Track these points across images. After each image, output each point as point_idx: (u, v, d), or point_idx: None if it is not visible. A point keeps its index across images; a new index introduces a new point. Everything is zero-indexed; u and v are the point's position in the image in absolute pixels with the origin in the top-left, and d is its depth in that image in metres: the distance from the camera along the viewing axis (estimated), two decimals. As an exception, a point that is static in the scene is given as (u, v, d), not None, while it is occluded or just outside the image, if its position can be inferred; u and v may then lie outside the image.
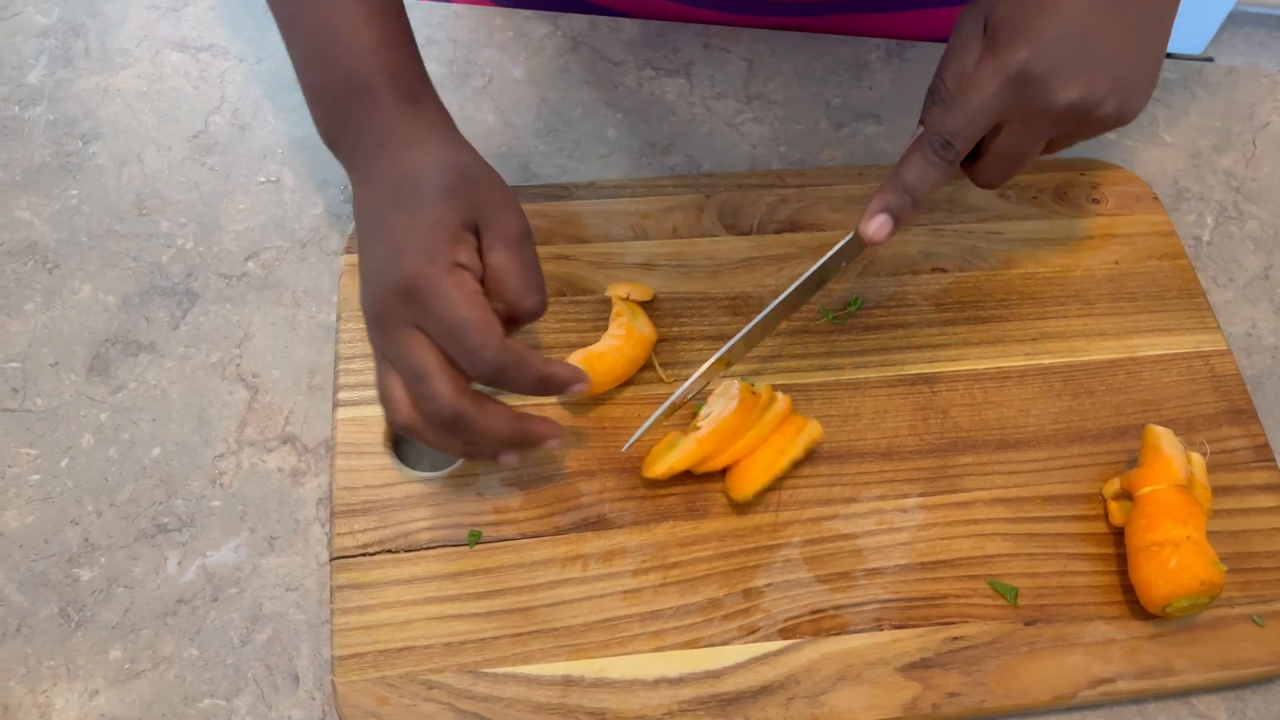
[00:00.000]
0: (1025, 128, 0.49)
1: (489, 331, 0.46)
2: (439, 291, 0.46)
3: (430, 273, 0.46)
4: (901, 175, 0.50)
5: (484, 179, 0.50)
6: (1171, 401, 0.61)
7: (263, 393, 0.60)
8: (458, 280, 0.47)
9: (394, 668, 0.51)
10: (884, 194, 0.51)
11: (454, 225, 0.48)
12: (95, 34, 0.73)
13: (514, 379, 0.48)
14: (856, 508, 0.56)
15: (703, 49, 0.75)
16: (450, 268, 0.47)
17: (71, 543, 0.55)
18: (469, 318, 0.46)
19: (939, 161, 0.50)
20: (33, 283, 0.63)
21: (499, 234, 0.49)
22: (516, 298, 0.49)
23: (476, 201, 0.49)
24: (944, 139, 0.49)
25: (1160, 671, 0.53)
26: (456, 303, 0.46)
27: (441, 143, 0.50)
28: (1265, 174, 0.73)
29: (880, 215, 0.51)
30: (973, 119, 0.48)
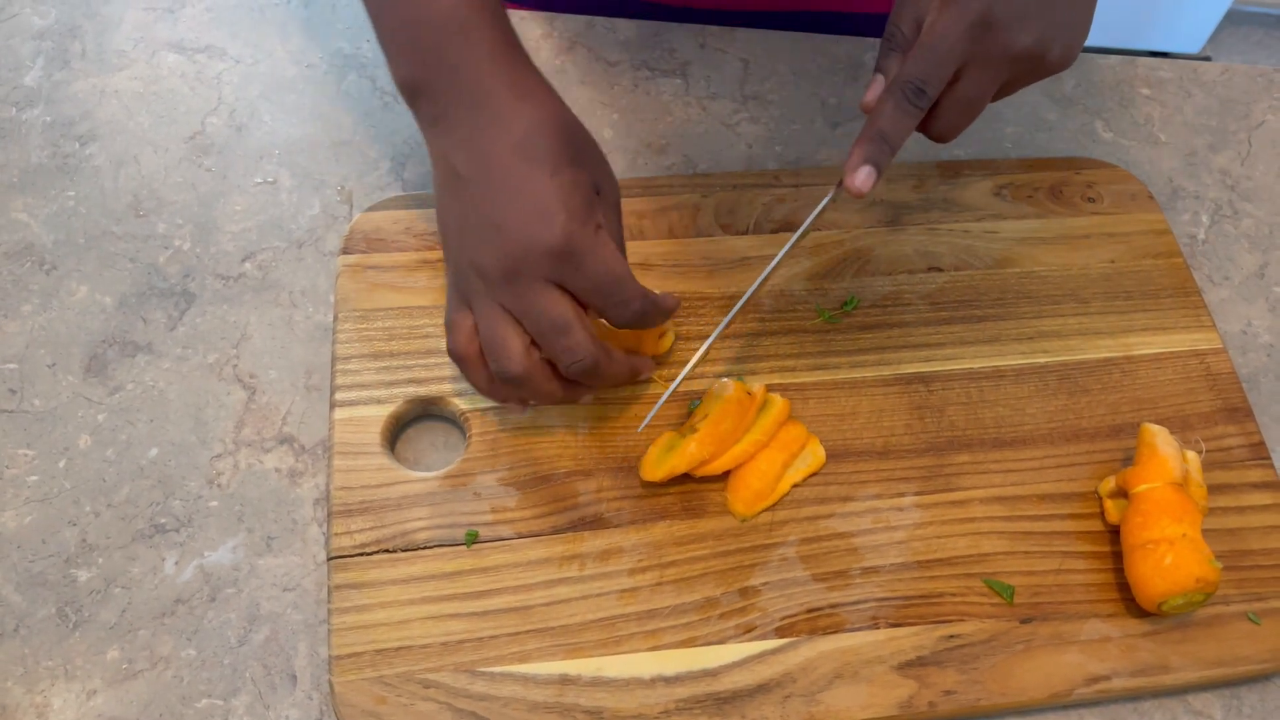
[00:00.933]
0: (983, 73, 0.50)
1: (633, 284, 0.51)
2: (595, 253, 0.49)
3: (585, 234, 0.49)
4: (878, 125, 0.51)
5: (590, 142, 0.53)
6: (1167, 400, 0.61)
7: (260, 393, 0.60)
8: (604, 240, 0.50)
9: (391, 667, 0.51)
10: (863, 145, 0.51)
11: (590, 187, 0.51)
12: (92, 35, 0.73)
13: (652, 318, 0.53)
14: (853, 506, 0.57)
15: (699, 49, 0.75)
16: (597, 229, 0.50)
17: (69, 543, 0.55)
18: (623, 273, 0.50)
19: (912, 109, 0.50)
20: (30, 284, 0.63)
21: (608, 202, 0.53)
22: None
23: (594, 169, 0.52)
24: (916, 86, 0.49)
25: (1156, 669, 0.53)
26: (611, 261, 0.50)
27: (552, 101, 0.52)
28: (1260, 173, 0.73)
29: (864, 167, 0.51)
30: (941, 63, 0.49)
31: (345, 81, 0.72)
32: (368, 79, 0.72)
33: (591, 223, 0.50)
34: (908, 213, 0.67)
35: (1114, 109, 0.75)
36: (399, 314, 0.61)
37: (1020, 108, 0.74)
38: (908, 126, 0.51)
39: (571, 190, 0.49)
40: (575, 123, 0.52)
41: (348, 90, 0.72)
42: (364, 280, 0.62)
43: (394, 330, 0.60)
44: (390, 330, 0.60)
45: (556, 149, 0.50)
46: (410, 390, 0.58)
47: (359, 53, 0.73)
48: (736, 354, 0.61)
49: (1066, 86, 0.76)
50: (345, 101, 0.71)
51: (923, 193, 0.68)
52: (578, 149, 0.51)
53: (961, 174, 0.69)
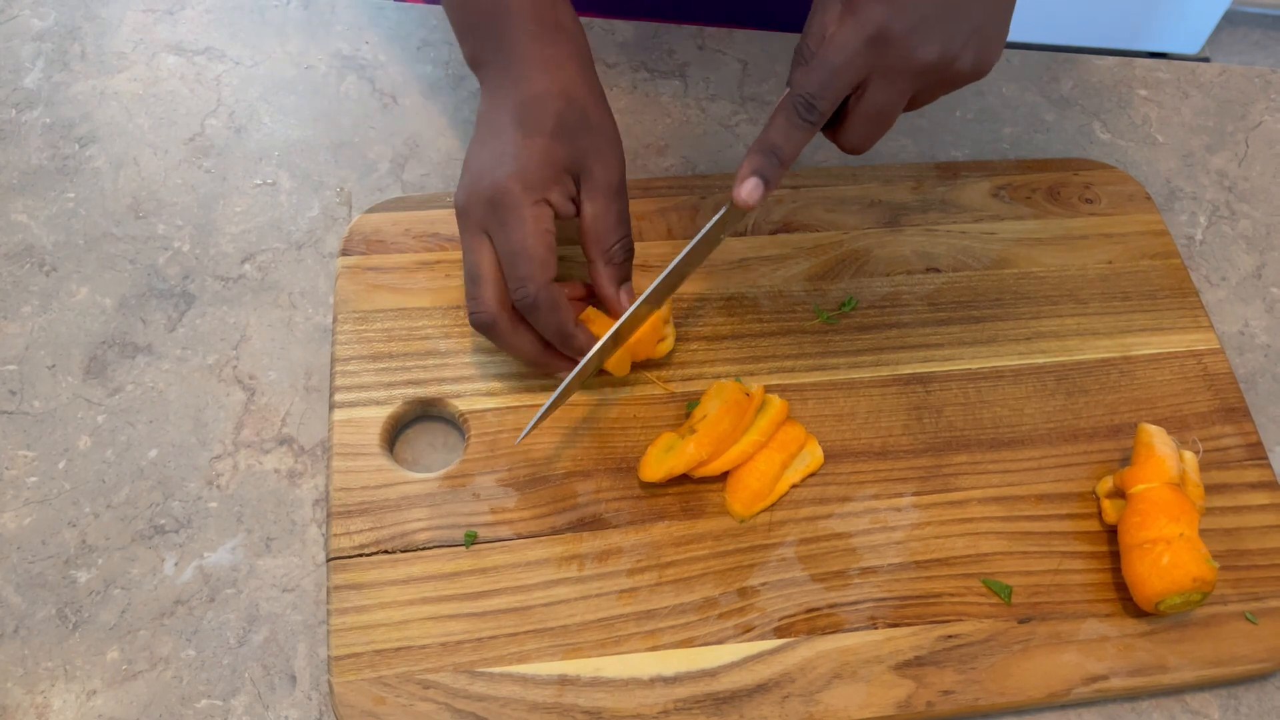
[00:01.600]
0: (888, 86, 0.49)
1: (540, 268, 0.52)
2: (517, 214, 0.52)
3: (518, 195, 0.52)
4: (768, 138, 0.50)
5: (598, 126, 0.55)
6: (1165, 400, 0.61)
7: (259, 394, 0.60)
8: (537, 213, 0.52)
9: (390, 668, 0.51)
10: (752, 158, 0.51)
11: (558, 163, 0.53)
12: (92, 37, 0.73)
13: (541, 319, 0.54)
14: (851, 507, 0.57)
15: (697, 51, 0.75)
16: (537, 200, 0.52)
17: (69, 544, 0.55)
18: (528, 248, 0.52)
19: (802, 123, 0.50)
20: (29, 285, 0.63)
21: (596, 183, 0.54)
22: (606, 243, 0.55)
23: (584, 148, 0.54)
24: (807, 100, 0.49)
25: (1154, 669, 0.53)
26: (525, 231, 0.52)
27: (572, 77, 0.55)
28: (1257, 174, 0.73)
29: (751, 179, 0.50)
30: (834, 78, 0.48)
31: (344, 83, 0.72)
32: (367, 80, 0.72)
33: (535, 192, 0.52)
34: (906, 214, 0.67)
35: (1112, 110, 0.75)
36: (398, 315, 0.61)
37: (1018, 109, 0.75)
38: (799, 140, 0.50)
39: (535, 156, 0.53)
40: (584, 102, 0.54)
41: (347, 92, 0.72)
42: (363, 282, 0.62)
43: (393, 331, 0.60)
44: (389, 331, 0.60)
45: (544, 119, 0.53)
46: (409, 391, 0.58)
47: (358, 54, 0.74)
48: (735, 355, 0.61)
49: (1064, 87, 0.76)
50: (344, 103, 0.71)
51: (921, 194, 0.68)
52: (571, 125, 0.54)
53: (959, 175, 0.69)
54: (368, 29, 0.75)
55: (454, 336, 0.60)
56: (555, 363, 0.57)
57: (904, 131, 0.73)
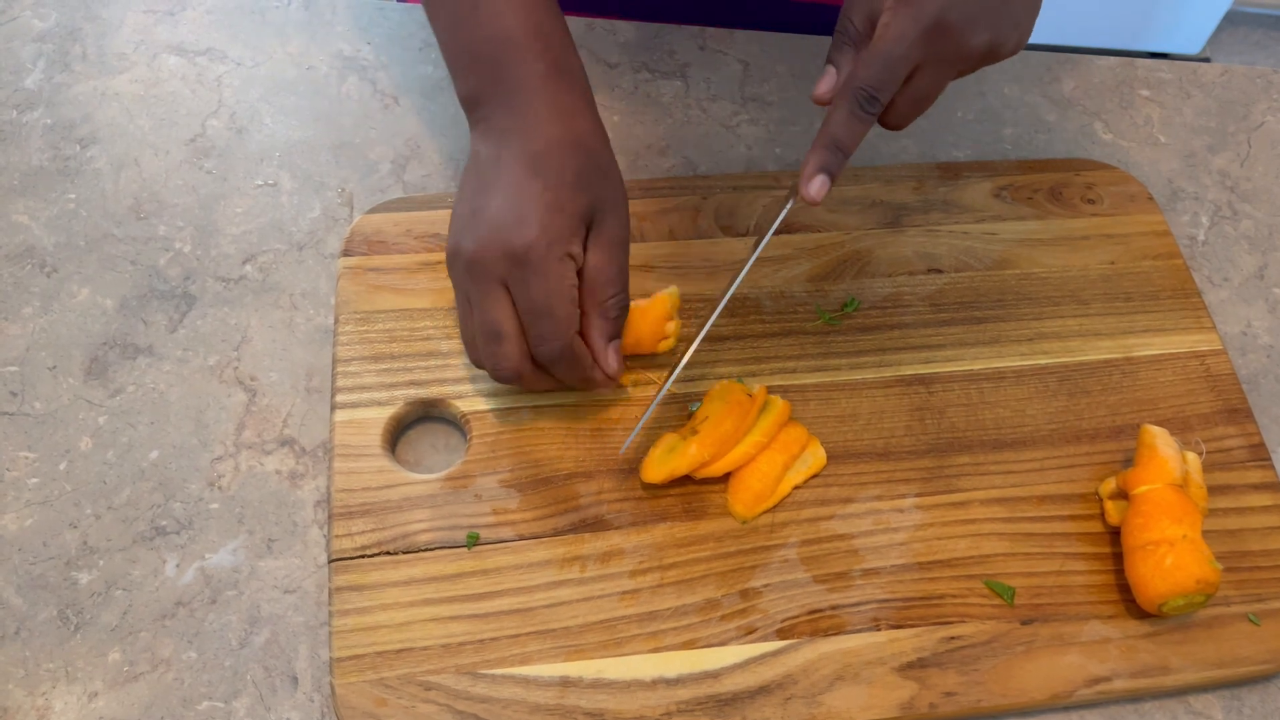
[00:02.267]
0: (938, 71, 0.50)
1: (566, 325, 0.52)
2: (544, 272, 0.51)
3: (545, 253, 0.51)
4: (832, 133, 0.51)
5: (610, 175, 0.54)
6: (1167, 401, 0.61)
7: (261, 395, 0.60)
8: (563, 271, 0.52)
9: (392, 669, 0.51)
10: (818, 154, 0.51)
11: (579, 215, 0.52)
12: (92, 38, 0.73)
13: (564, 371, 0.54)
14: (853, 508, 0.57)
15: (699, 51, 0.75)
16: (562, 256, 0.52)
17: (70, 546, 0.55)
18: (555, 308, 0.52)
19: (866, 116, 0.50)
20: (30, 286, 0.63)
21: (605, 235, 0.54)
22: (604, 297, 0.54)
23: (598, 199, 0.53)
24: (869, 93, 0.49)
25: (1156, 670, 0.53)
26: (553, 290, 0.51)
27: (585, 125, 0.54)
28: (1260, 174, 0.73)
29: (819, 176, 0.51)
30: (894, 70, 0.49)
31: (345, 84, 0.72)
32: (368, 81, 0.72)
33: (560, 247, 0.51)
34: (907, 214, 0.67)
35: (1113, 110, 0.75)
36: (400, 316, 0.61)
37: (1019, 109, 0.74)
38: (861, 133, 0.51)
39: (555, 210, 0.51)
40: (598, 152, 0.54)
41: (348, 93, 0.72)
42: (364, 282, 0.62)
43: (395, 332, 0.60)
44: (391, 332, 0.60)
45: (561, 169, 0.52)
46: (411, 392, 0.58)
47: (359, 55, 0.74)
48: (737, 356, 0.61)
49: (1066, 88, 0.76)
50: (345, 104, 0.71)
51: (922, 194, 0.68)
52: (587, 176, 0.53)
53: (961, 175, 0.69)
54: (369, 30, 0.75)
55: (455, 337, 0.60)
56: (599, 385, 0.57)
57: (905, 132, 0.73)
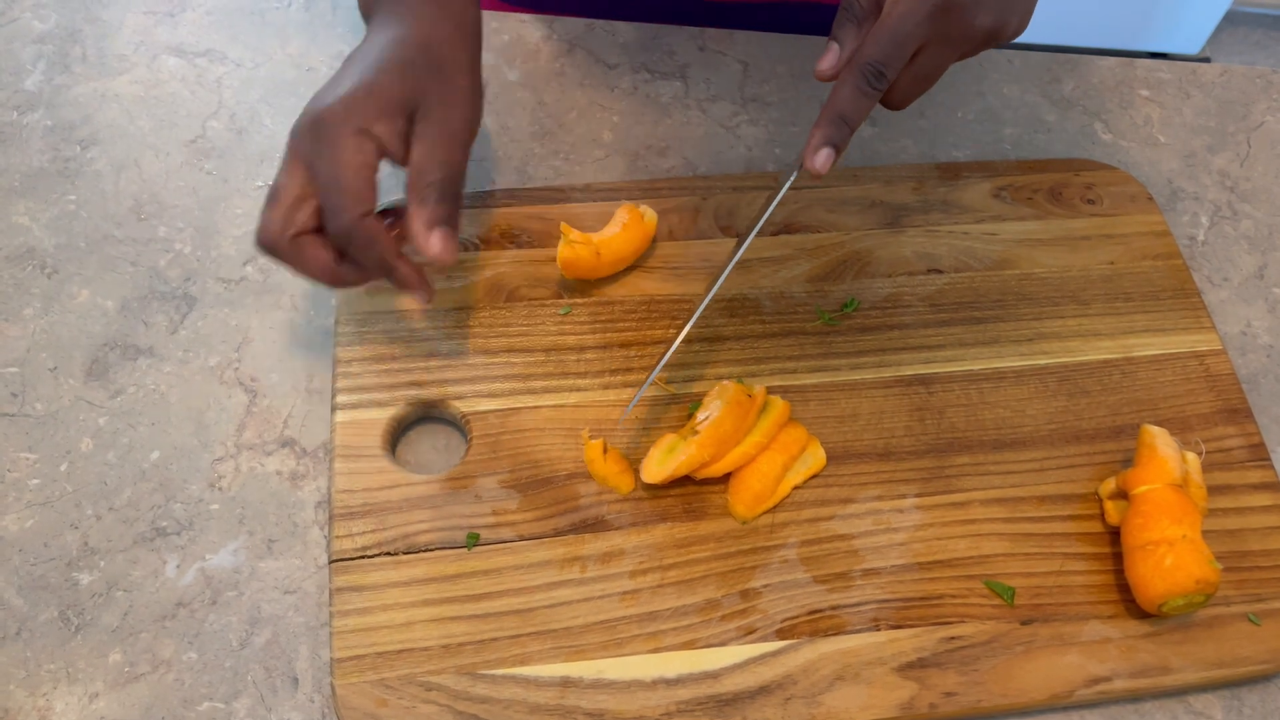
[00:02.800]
0: (942, 51, 0.50)
1: (354, 200, 0.50)
2: (336, 144, 0.50)
3: (339, 124, 0.50)
4: (838, 107, 0.51)
5: (444, 73, 0.53)
6: (1167, 401, 0.61)
7: (261, 396, 0.60)
8: (358, 144, 0.50)
9: (393, 670, 0.51)
10: (823, 127, 0.51)
11: (390, 100, 0.51)
12: (93, 40, 0.73)
13: (357, 251, 0.52)
14: (853, 508, 0.57)
15: (698, 51, 0.75)
16: (358, 130, 0.50)
17: (71, 547, 0.55)
18: (343, 179, 0.50)
19: (872, 91, 0.50)
20: (31, 288, 0.63)
21: (429, 125, 0.52)
22: (420, 179, 0.52)
23: (425, 89, 0.52)
24: (876, 69, 0.50)
25: (1156, 670, 0.53)
26: (341, 161, 0.50)
27: (439, 28, 0.54)
28: (1259, 174, 0.73)
29: (825, 149, 0.51)
30: (901, 47, 0.49)
31: (345, 85, 0.72)
32: (368, 82, 0.72)
33: (355, 122, 0.51)
34: (907, 214, 0.67)
35: (1113, 110, 0.75)
36: (400, 317, 0.61)
37: (1019, 109, 0.74)
38: (866, 107, 0.51)
39: (363, 90, 0.51)
40: (437, 50, 0.53)
41: (348, 93, 0.72)
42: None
43: (395, 333, 0.60)
44: (391, 333, 0.60)
45: (389, 58, 0.52)
46: (411, 393, 0.58)
47: (359, 56, 0.74)
48: (737, 356, 0.61)
49: (1065, 88, 0.76)
50: (346, 105, 0.71)
51: (922, 194, 0.68)
52: (416, 67, 0.52)
53: (961, 176, 0.69)
54: (369, 31, 0.75)
55: (456, 338, 0.60)
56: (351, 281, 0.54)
57: (905, 132, 0.73)
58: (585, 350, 0.60)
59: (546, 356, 0.60)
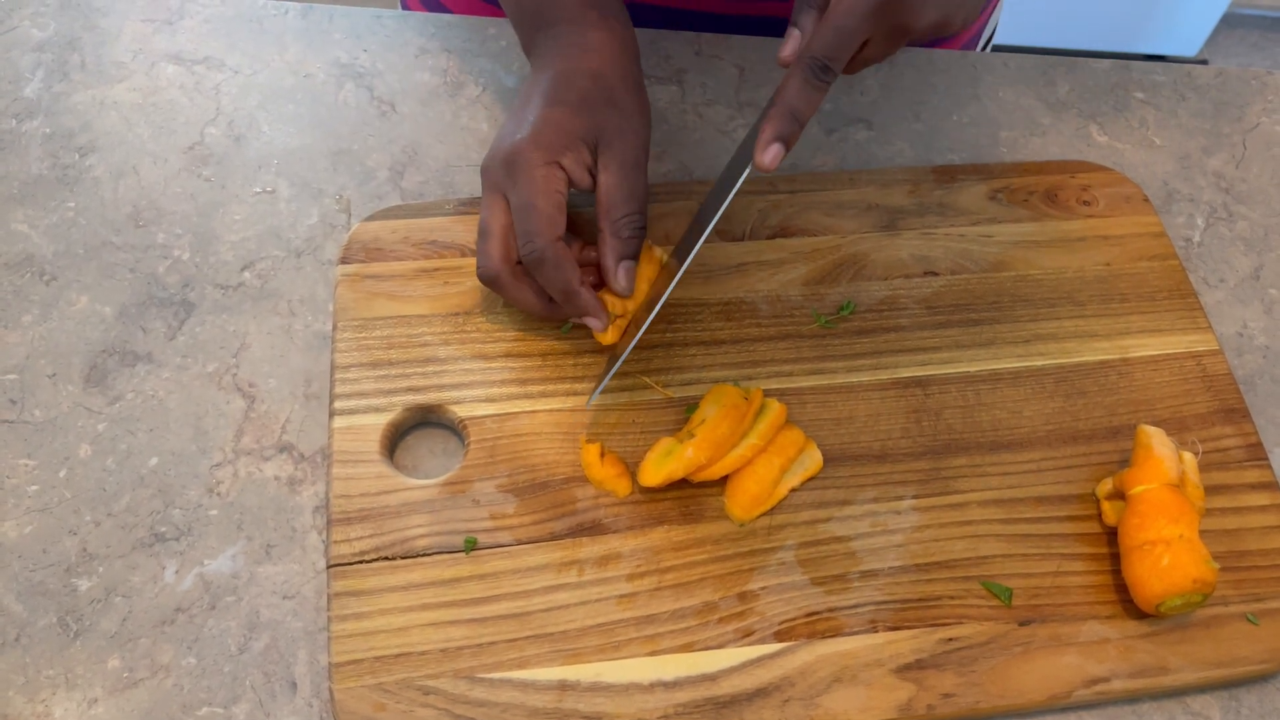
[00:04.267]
0: (887, 42, 0.52)
1: (547, 224, 0.55)
2: (529, 174, 0.55)
3: (531, 156, 0.55)
4: (787, 101, 0.52)
5: (623, 102, 0.57)
6: (1164, 401, 0.61)
7: (259, 402, 0.60)
8: (549, 174, 0.55)
9: (391, 674, 0.51)
10: (773, 122, 0.52)
11: (575, 133, 0.56)
12: (91, 47, 0.74)
13: (547, 275, 0.55)
14: (851, 510, 0.57)
15: (694, 56, 0.75)
16: (549, 162, 0.55)
17: (69, 552, 0.55)
18: (537, 204, 0.55)
19: (819, 84, 0.52)
20: (30, 294, 0.63)
21: (613, 156, 0.56)
22: (616, 215, 0.56)
23: (604, 122, 0.56)
24: (823, 63, 0.51)
25: (1155, 670, 0.53)
26: (536, 189, 0.55)
27: (606, 59, 0.58)
28: (1255, 175, 0.73)
29: (774, 144, 0.52)
30: (846, 41, 0.50)
31: (343, 91, 0.73)
32: (365, 88, 0.73)
33: (547, 154, 0.55)
34: (903, 217, 0.67)
35: (1108, 113, 0.75)
36: (397, 322, 0.61)
37: (1014, 112, 0.75)
38: (815, 100, 0.52)
39: (550, 125, 0.56)
40: (610, 81, 0.58)
41: (345, 100, 0.72)
42: (362, 289, 0.62)
43: (392, 339, 0.60)
44: (389, 339, 0.60)
45: (564, 93, 0.57)
46: (409, 398, 0.58)
47: (356, 62, 0.74)
48: (733, 359, 0.61)
49: (1060, 91, 0.76)
50: (343, 111, 0.72)
51: (917, 197, 0.68)
52: (593, 100, 0.56)
53: (956, 178, 0.69)
54: (366, 37, 0.75)
55: (453, 343, 0.60)
56: (558, 315, 0.59)
57: (901, 136, 0.73)
58: (582, 355, 0.61)
59: (543, 361, 0.60)
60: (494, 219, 0.56)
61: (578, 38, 0.58)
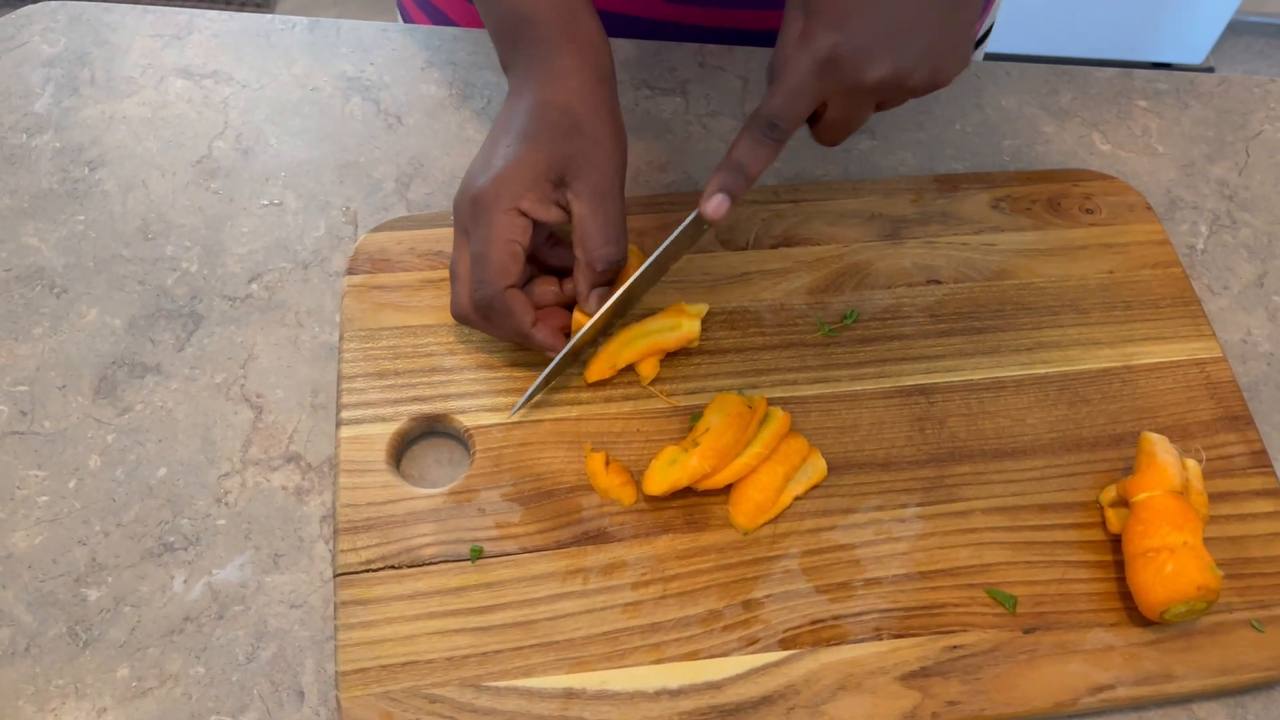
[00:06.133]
0: (846, 102, 0.52)
1: (498, 273, 0.55)
2: (488, 221, 0.55)
3: (493, 202, 0.55)
4: (735, 156, 0.53)
5: (590, 132, 0.56)
6: (1167, 409, 0.61)
7: (267, 412, 0.60)
8: (508, 222, 0.55)
9: (397, 682, 0.51)
10: (720, 175, 0.54)
11: (538, 170, 0.55)
12: (101, 63, 0.74)
13: (496, 321, 0.56)
14: (855, 518, 0.57)
15: (698, 68, 0.76)
16: (510, 209, 0.55)
17: (79, 563, 0.55)
18: (490, 255, 0.55)
19: (767, 142, 0.53)
20: (40, 307, 0.64)
21: (584, 187, 0.55)
22: (590, 247, 0.56)
23: (571, 153, 0.55)
24: (770, 120, 0.52)
25: (1160, 678, 0.53)
26: (491, 239, 0.54)
27: (576, 86, 0.56)
28: (1258, 182, 0.73)
29: (718, 195, 0.54)
30: (793, 101, 0.51)
31: (349, 104, 0.73)
32: (371, 101, 0.73)
33: (508, 200, 0.54)
34: (906, 226, 0.68)
35: (1111, 121, 0.76)
36: (403, 333, 0.61)
37: (1017, 121, 0.75)
38: (764, 157, 0.53)
39: (512, 165, 0.55)
40: (576, 110, 0.56)
41: (352, 113, 0.73)
42: (369, 300, 0.62)
43: (399, 349, 0.61)
44: (395, 349, 0.61)
45: (532, 128, 0.55)
46: (415, 408, 0.59)
47: (362, 76, 0.75)
48: (737, 368, 0.61)
49: (1063, 100, 0.76)
50: (349, 124, 0.72)
51: (920, 206, 0.68)
52: (561, 132, 0.55)
53: (959, 187, 0.69)
54: (372, 51, 0.76)
55: (459, 353, 0.61)
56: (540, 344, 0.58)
57: (903, 145, 0.73)
58: (586, 364, 0.61)
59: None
60: (460, 261, 0.57)
61: (547, 63, 0.57)
